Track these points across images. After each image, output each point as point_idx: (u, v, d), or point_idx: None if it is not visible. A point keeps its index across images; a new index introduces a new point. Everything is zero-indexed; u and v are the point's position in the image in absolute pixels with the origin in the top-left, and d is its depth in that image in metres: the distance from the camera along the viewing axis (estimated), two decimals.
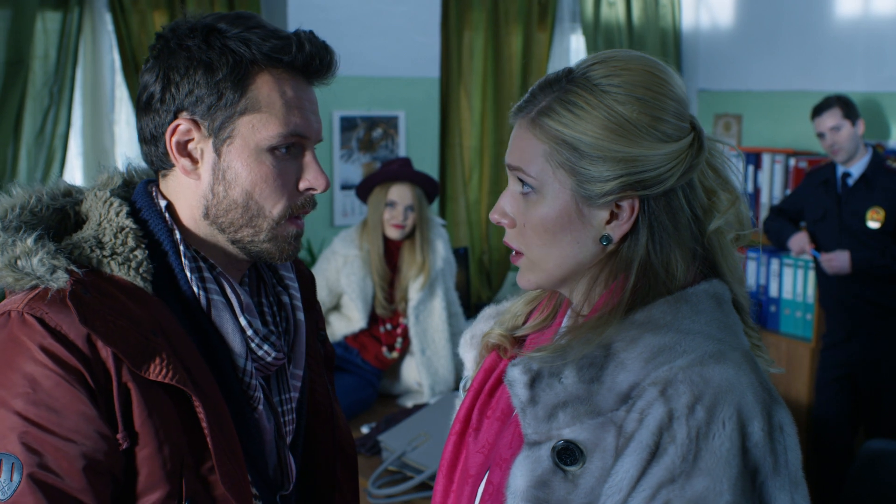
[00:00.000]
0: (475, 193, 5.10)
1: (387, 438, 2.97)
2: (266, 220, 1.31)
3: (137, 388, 1.20)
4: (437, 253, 3.68)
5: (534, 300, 1.38)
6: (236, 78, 1.27)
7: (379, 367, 3.68)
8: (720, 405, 1.09)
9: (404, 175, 3.60)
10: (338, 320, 3.70)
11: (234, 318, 1.33)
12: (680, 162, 1.18)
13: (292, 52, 1.29)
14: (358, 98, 4.58)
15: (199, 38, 1.27)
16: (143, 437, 1.20)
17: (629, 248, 1.20)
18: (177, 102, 1.29)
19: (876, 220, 4.03)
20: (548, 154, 1.19)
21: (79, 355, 1.18)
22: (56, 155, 3.96)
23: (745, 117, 5.29)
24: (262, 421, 1.36)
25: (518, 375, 1.18)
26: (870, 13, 4.69)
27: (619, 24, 5.37)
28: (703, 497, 1.06)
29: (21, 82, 3.82)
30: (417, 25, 4.69)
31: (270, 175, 1.30)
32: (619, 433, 1.12)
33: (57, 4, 3.93)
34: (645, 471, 1.09)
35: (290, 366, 1.43)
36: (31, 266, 1.20)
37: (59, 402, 1.17)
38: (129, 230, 1.28)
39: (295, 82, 1.31)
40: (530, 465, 1.15)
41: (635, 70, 1.19)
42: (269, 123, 1.29)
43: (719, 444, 1.08)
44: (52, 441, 1.16)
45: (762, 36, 5.18)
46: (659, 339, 1.14)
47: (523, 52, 5.10)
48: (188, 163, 1.31)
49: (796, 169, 4.73)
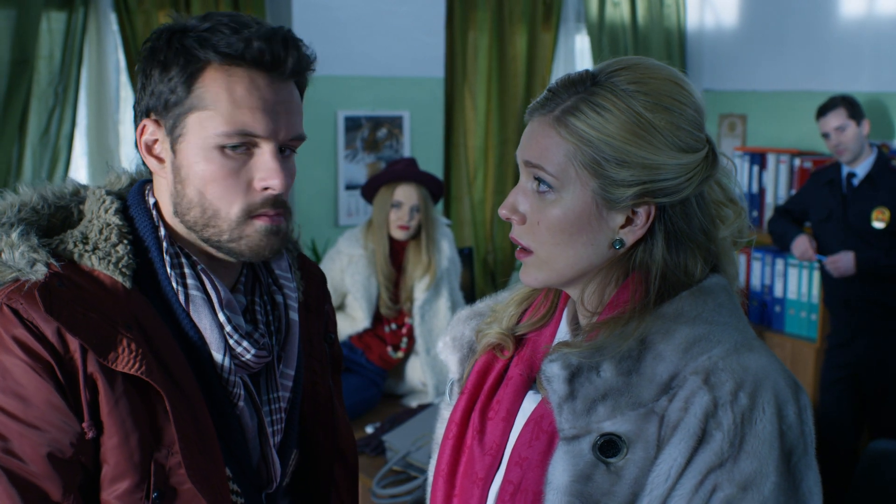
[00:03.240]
0: (480, 193, 5.10)
1: (391, 438, 2.97)
2: (224, 221, 1.31)
3: (104, 379, 1.22)
4: (443, 253, 3.68)
5: (526, 300, 1.38)
6: (186, 75, 1.27)
7: (383, 367, 3.68)
8: (760, 391, 1.13)
9: (410, 175, 3.60)
10: (342, 320, 3.70)
11: (213, 313, 1.33)
12: (697, 173, 1.20)
13: (240, 48, 1.26)
14: (362, 98, 4.58)
15: (164, 39, 1.29)
16: (109, 428, 1.23)
17: (643, 253, 1.22)
18: (143, 104, 1.32)
19: (881, 221, 4.03)
20: (572, 154, 1.19)
21: (48, 347, 1.21)
22: (61, 155, 3.96)
23: (750, 117, 5.29)
24: (244, 418, 1.36)
25: (557, 371, 1.19)
26: (875, 13, 4.68)
27: (624, 24, 5.37)
28: (752, 479, 1.11)
29: (26, 82, 3.83)
30: (422, 25, 4.69)
31: (219, 174, 1.29)
32: (661, 423, 1.15)
33: (62, 4, 3.93)
34: (692, 458, 1.13)
35: (280, 365, 1.42)
36: (13, 259, 1.24)
37: (27, 390, 1.20)
38: (115, 226, 1.31)
39: (251, 80, 1.28)
40: (571, 459, 1.16)
41: (661, 79, 1.21)
42: (214, 121, 1.28)
43: (762, 428, 1.12)
44: (18, 428, 1.20)
45: (767, 36, 5.18)
46: (693, 331, 1.18)
47: (528, 52, 5.10)
48: (154, 162, 1.33)
49: (801, 169, 4.72)
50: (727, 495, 1.11)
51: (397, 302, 3.68)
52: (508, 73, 5.06)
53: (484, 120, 5.05)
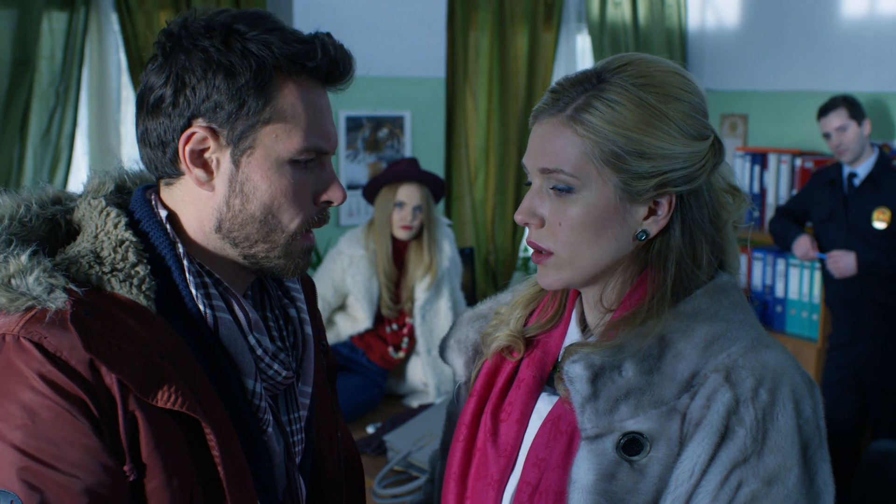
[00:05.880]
0: (481, 193, 5.10)
1: (392, 438, 2.97)
2: (282, 235, 1.24)
3: (145, 417, 1.11)
4: (444, 253, 3.68)
5: (532, 301, 1.38)
6: (260, 84, 1.18)
7: (385, 367, 3.68)
8: (779, 387, 1.15)
9: (412, 175, 3.59)
10: (343, 320, 3.70)
11: (243, 336, 1.25)
12: (709, 159, 1.22)
13: (317, 57, 1.21)
14: (364, 98, 4.58)
15: (218, 39, 1.18)
16: (150, 469, 1.12)
17: (661, 243, 1.23)
18: (192, 108, 1.18)
19: (882, 221, 4.02)
20: (590, 151, 1.19)
21: (81, 383, 1.08)
22: (62, 155, 3.97)
23: (751, 117, 5.28)
24: (272, 444, 1.28)
25: (580, 371, 1.19)
26: (876, 13, 4.67)
27: (625, 24, 5.37)
28: (776, 474, 1.13)
29: (27, 82, 3.83)
30: (423, 25, 4.69)
31: (290, 188, 1.22)
32: (683, 420, 1.16)
33: (63, 4, 3.94)
34: (715, 454, 1.14)
35: (298, 383, 1.35)
36: (26, 285, 1.11)
37: (61, 434, 1.08)
38: (130, 243, 1.18)
39: (317, 90, 1.24)
40: (595, 458, 1.17)
41: (666, 71, 1.22)
42: (293, 135, 1.21)
43: (784, 423, 1.14)
44: (54, 476, 1.07)
45: (768, 36, 5.17)
46: (711, 329, 1.19)
47: (529, 52, 5.10)
48: (202, 173, 1.21)
49: (802, 169, 4.72)
50: (753, 490, 1.13)
51: (398, 302, 3.68)
52: (510, 73, 5.06)
53: (485, 120, 5.05)
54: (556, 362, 1.30)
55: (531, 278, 1.41)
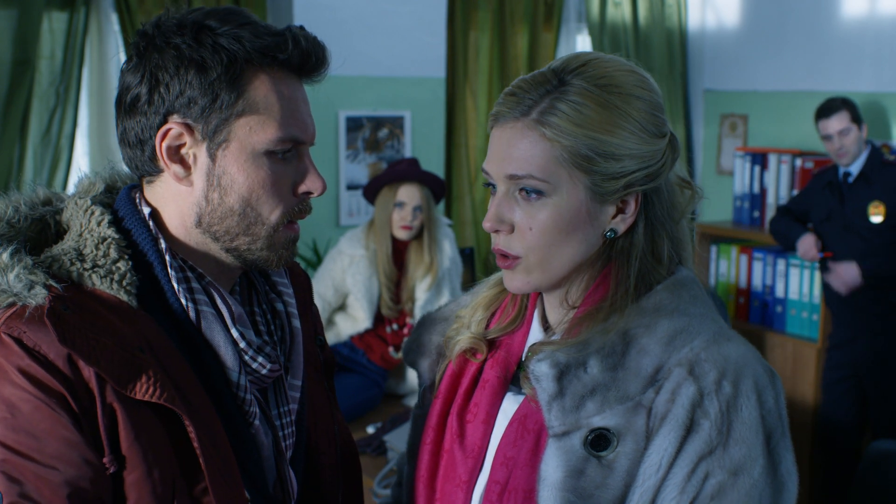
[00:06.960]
0: (481, 193, 5.10)
1: (392, 438, 2.97)
2: (264, 227, 1.25)
3: (123, 409, 1.13)
4: (445, 253, 3.68)
5: (493, 303, 1.39)
6: (231, 78, 1.19)
7: (385, 367, 3.68)
8: (742, 379, 1.16)
9: (413, 175, 3.60)
10: (343, 320, 3.71)
11: (226, 330, 1.26)
12: (668, 155, 1.23)
13: (288, 49, 1.22)
14: (364, 98, 4.58)
15: (189, 36, 1.19)
16: (130, 461, 1.13)
17: (625, 240, 1.24)
18: (166, 104, 1.20)
19: (878, 214, 4.03)
20: (559, 154, 1.19)
21: (59, 377, 1.11)
22: (62, 155, 3.97)
23: (752, 117, 5.28)
24: (260, 436, 1.29)
25: (546, 370, 1.20)
26: (876, 13, 4.67)
27: (625, 24, 5.37)
28: (741, 464, 1.14)
29: (27, 82, 3.83)
30: (423, 25, 4.69)
31: (268, 180, 1.23)
32: (649, 415, 1.16)
33: (63, 4, 3.94)
34: (681, 447, 1.15)
35: (287, 377, 1.36)
36: (6, 282, 1.14)
37: (40, 427, 1.10)
38: (112, 240, 1.20)
39: (290, 82, 1.25)
40: (563, 455, 1.17)
41: (624, 70, 1.23)
42: (267, 126, 1.22)
43: (748, 415, 1.15)
44: (34, 469, 1.09)
45: (768, 36, 5.17)
46: (673, 323, 1.20)
47: (529, 52, 5.10)
48: (180, 169, 1.23)
49: (802, 169, 4.72)
50: (719, 481, 1.13)
51: (399, 302, 3.68)
52: (510, 73, 5.06)
53: (485, 120, 5.04)
54: (521, 362, 1.31)
55: (490, 279, 1.42)
